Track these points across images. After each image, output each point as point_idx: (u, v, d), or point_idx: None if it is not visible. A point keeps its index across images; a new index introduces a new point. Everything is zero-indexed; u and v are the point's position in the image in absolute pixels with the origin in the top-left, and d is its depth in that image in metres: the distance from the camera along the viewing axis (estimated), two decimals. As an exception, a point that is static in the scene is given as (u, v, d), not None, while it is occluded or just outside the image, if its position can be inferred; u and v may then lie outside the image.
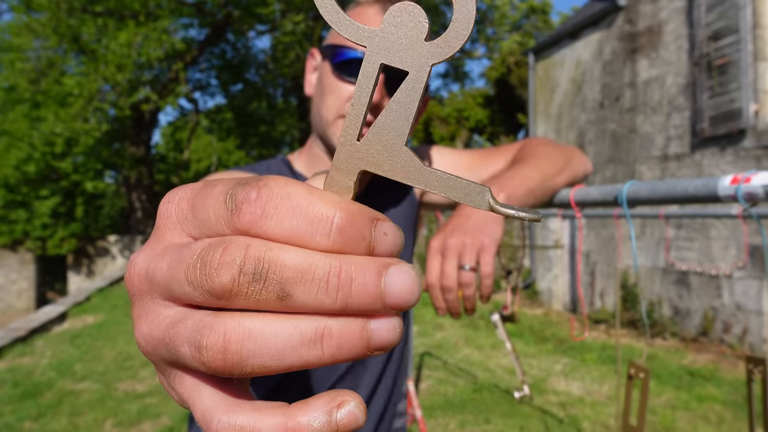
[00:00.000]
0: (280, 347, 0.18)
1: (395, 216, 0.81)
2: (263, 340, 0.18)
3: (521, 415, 3.58)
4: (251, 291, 0.18)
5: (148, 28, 10.73)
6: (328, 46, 0.71)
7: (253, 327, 0.18)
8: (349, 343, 0.18)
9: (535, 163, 0.75)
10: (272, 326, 0.18)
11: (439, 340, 5.80)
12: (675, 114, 5.50)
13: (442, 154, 0.87)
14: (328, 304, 0.18)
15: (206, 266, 0.18)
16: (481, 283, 0.63)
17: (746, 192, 0.53)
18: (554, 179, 0.74)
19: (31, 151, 10.84)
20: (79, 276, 12.77)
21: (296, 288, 0.18)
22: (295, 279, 0.18)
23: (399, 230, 0.19)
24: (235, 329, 0.18)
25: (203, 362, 0.18)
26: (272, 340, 0.18)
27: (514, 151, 0.84)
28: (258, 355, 0.18)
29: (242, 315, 0.18)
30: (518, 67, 10.28)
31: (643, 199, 0.64)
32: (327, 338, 0.18)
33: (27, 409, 3.79)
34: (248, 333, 0.18)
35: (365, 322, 0.18)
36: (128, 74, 10.58)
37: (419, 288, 0.19)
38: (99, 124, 10.83)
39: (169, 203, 0.21)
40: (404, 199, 0.83)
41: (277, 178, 0.19)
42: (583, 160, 0.82)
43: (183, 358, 0.19)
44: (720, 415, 3.55)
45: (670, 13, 5.56)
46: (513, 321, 0.82)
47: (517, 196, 0.68)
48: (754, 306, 4.70)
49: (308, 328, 0.18)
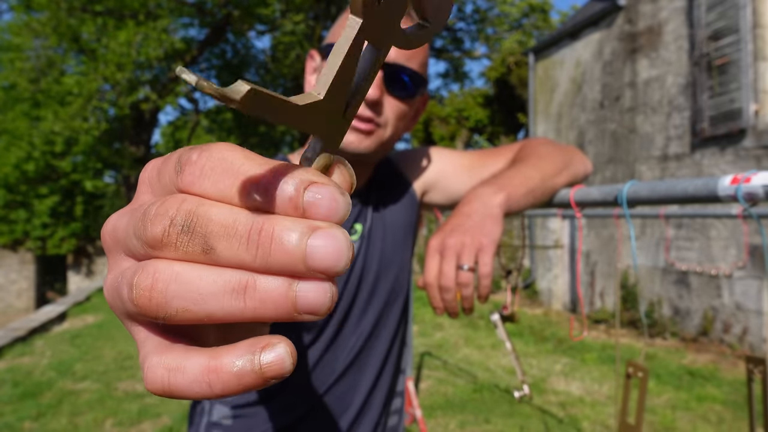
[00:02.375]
0: (204, 293, 0.19)
1: (395, 215, 0.81)
2: (188, 284, 0.19)
3: (521, 415, 3.58)
4: (179, 242, 0.19)
5: (147, 28, 10.73)
6: (326, 45, 0.71)
7: (182, 270, 0.19)
8: (273, 300, 0.19)
9: (535, 163, 0.74)
10: (199, 272, 0.19)
11: (439, 340, 5.79)
12: (675, 114, 5.49)
13: (441, 154, 0.87)
14: (248, 260, 0.19)
15: (144, 217, 0.19)
16: (480, 284, 0.63)
17: (746, 192, 0.52)
18: (554, 179, 0.74)
19: (30, 150, 10.83)
20: (79, 276, 12.76)
21: (219, 242, 0.19)
22: (218, 233, 0.19)
23: (339, 195, 0.19)
24: (164, 270, 0.19)
25: (132, 300, 0.19)
26: (197, 284, 0.19)
27: (515, 151, 0.83)
28: (181, 297, 0.19)
29: (174, 261, 0.19)
30: (518, 66, 10.28)
31: (643, 199, 0.63)
32: (250, 291, 0.19)
33: (27, 409, 3.79)
34: (175, 275, 0.19)
35: (291, 282, 0.19)
36: (128, 73, 10.57)
37: (348, 253, 0.19)
38: (98, 123, 10.83)
39: (145, 171, 0.23)
40: (404, 197, 0.82)
41: (219, 144, 0.20)
42: (583, 161, 0.82)
43: (124, 302, 0.20)
44: (720, 415, 3.55)
45: (670, 13, 5.56)
46: (513, 321, 0.82)
47: (516, 196, 0.67)
48: (754, 306, 4.70)
49: (232, 279, 0.19)
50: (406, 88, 0.69)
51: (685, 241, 5.33)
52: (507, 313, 0.81)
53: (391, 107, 0.69)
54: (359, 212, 0.77)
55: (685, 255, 5.31)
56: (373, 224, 0.77)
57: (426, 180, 0.85)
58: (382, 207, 0.80)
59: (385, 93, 0.68)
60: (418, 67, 0.70)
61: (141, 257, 0.20)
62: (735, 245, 4.84)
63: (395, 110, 0.70)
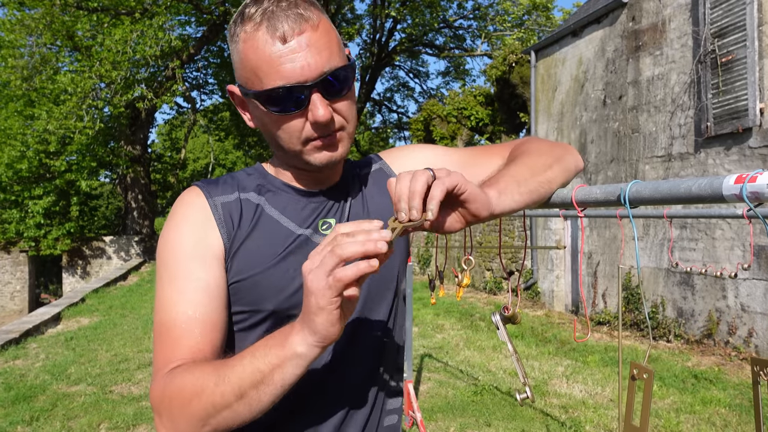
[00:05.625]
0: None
1: (381, 210, 0.80)
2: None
3: (523, 418, 3.52)
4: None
5: (143, 25, 10.63)
6: (249, 90, 0.71)
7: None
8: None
9: (525, 159, 0.75)
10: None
11: (440, 342, 5.73)
12: (679, 112, 5.44)
13: (432, 150, 0.88)
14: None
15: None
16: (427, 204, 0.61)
17: (751, 191, 0.52)
18: (546, 172, 0.74)
19: (24, 149, 10.72)
20: (73, 277, 12.66)
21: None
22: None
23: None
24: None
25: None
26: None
27: (509, 149, 0.84)
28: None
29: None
30: (519, 65, 10.23)
31: (646, 198, 0.63)
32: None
33: (20, 412, 3.72)
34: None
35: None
36: (123, 71, 10.47)
37: (361, 267, 0.51)
38: (93, 123, 10.73)
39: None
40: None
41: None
42: (574, 155, 0.83)
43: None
44: (725, 419, 3.50)
45: (674, 10, 5.50)
46: (514, 322, 0.82)
47: (510, 192, 0.67)
48: (759, 307, 4.64)
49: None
50: (340, 86, 0.70)
51: (689, 242, 5.28)
52: (508, 314, 0.82)
53: (341, 108, 0.71)
54: (332, 207, 0.78)
55: (689, 256, 5.25)
56: (352, 218, 0.78)
57: None
58: (364, 203, 0.81)
59: (329, 105, 0.69)
60: (338, 57, 0.69)
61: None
62: (740, 246, 4.79)
63: (345, 108, 0.71)
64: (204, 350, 0.67)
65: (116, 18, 11.26)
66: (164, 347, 0.67)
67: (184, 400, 0.60)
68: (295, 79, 0.65)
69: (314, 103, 0.66)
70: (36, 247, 11.90)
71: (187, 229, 0.71)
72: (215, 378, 0.59)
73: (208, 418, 0.59)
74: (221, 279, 0.70)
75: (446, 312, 7.34)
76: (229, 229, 0.72)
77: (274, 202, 0.75)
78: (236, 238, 0.72)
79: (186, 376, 0.62)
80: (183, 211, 0.73)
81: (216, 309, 0.69)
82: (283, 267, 0.71)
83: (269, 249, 0.72)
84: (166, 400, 0.62)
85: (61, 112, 10.21)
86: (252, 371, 0.57)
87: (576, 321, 2.72)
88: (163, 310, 0.68)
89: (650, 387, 0.84)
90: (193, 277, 0.68)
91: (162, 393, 0.63)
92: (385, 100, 21.34)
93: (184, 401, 0.60)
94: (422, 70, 26.08)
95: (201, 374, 0.61)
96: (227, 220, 0.72)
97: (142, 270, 12.28)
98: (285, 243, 0.72)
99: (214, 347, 0.68)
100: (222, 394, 0.58)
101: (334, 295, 0.52)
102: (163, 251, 0.71)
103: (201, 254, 0.70)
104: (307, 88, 0.66)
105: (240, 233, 0.72)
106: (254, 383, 0.57)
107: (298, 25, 0.65)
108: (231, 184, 0.76)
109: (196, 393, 0.60)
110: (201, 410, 0.59)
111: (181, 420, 0.61)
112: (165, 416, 0.62)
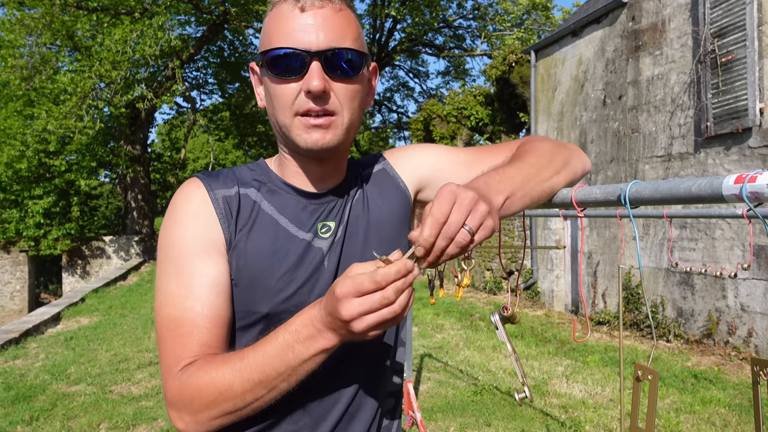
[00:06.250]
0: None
1: (382, 212, 0.79)
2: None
3: (523, 418, 3.52)
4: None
5: (143, 25, 10.62)
6: (259, 54, 0.72)
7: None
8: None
9: (534, 160, 0.73)
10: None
11: (439, 342, 5.73)
12: (679, 112, 5.44)
13: (436, 150, 0.87)
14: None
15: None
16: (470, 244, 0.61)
17: (751, 191, 0.52)
18: (552, 178, 0.73)
19: (23, 148, 10.71)
20: (73, 277, 12.65)
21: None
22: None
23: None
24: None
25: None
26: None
27: (513, 149, 0.83)
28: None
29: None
30: (519, 65, 10.22)
31: (646, 198, 0.63)
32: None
33: (20, 412, 3.71)
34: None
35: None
36: (123, 71, 10.47)
37: (397, 286, 0.57)
38: (93, 122, 10.72)
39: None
40: (393, 194, 0.82)
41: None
42: (581, 158, 0.82)
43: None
44: (725, 419, 3.50)
45: (674, 10, 5.50)
46: (513, 322, 0.82)
47: (514, 191, 0.66)
48: (759, 307, 4.64)
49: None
50: (346, 68, 0.69)
51: (689, 242, 5.28)
52: (507, 314, 0.81)
53: (340, 91, 0.69)
54: (332, 210, 0.76)
55: (689, 255, 5.25)
56: (352, 221, 0.77)
57: (420, 177, 0.84)
58: (366, 204, 0.79)
59: (328, 81, 0.68)
60: (352, 43, 0.70)
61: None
62: (740, 245, 4.79)
63: (345, 93, 0.70)
64: (213, 346, 0.67)
65: (116, 18, 11.26)
66: (174, 343, 0.67)
67: (208, 398, 0.62)
68: (301, 46, 0.66)
69: (311, 71, 0.66)
70: (36, 246, 11.89)
71: (191, 223, 0.70)
72: (239, 375, 0.62)
73: (235, 410, 0.63)
74: (226, 274, 0.70)
75: (446, 312, 7.34)
76: (230, 223, 0.71)
77: (272, 200, 0.74)
78: (236, 234, 0.71)
79: (207, 373, 0.63)
80: (185, 204, 0.72)
81: (222, 305, 0.69)
82: (280, 271, 0.71)
83: (267, 250, 0.71)
84: (186, 398, 0.63)
85: (60, 111, 10.20)
86: (280, 365, 0.61)
87: (576, 321, 2.71)
88: (170, 305, 0.68)
89: (655, 388, 0.82)
90: (200, 272, 0.68)
91: (180, 391, 0.64)
92: (384, 99, 21.33)
93: (208, 399, 0.62)
94: (422, 70, 26.12)
95: (223, 371, 0.62)
96: (228, 214, 0.72)
97: (142, 270, 12.28)
98: (284, 246, 0.72)
99: (222, 342, 0.69)
100: (252, 390, 0.62)
101: (366, 334, 0.57)
102: (166, 244, 0.71)
103: (206, 249, 0.69)
104: (309, 54, 0.66)
105: (239, 229, 0.71)
106: (284, 377, 0.61)
107: (321, 2, 0.67)
108: (232, 177, 0.75)
109: (220, 391, 0.62)
110: (230, 406, 0.62)
111: (204, 415, 0.63)
112: (185, 411, 0.64)
